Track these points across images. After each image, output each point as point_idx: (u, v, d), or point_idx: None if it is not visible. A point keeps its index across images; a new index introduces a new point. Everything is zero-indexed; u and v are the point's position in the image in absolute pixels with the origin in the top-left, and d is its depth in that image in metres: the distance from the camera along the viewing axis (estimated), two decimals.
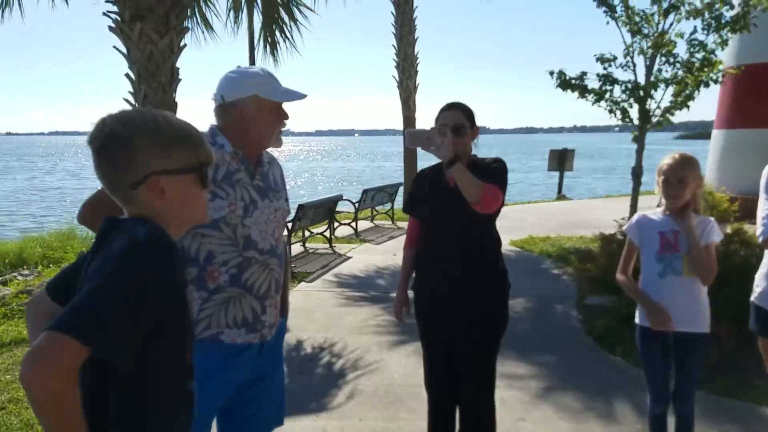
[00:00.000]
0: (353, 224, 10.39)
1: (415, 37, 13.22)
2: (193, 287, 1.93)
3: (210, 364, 1.93)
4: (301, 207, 7.91)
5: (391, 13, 13.06)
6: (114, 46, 5.88)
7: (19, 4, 6.75)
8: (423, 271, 2.86)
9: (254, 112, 1.99)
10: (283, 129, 2.10)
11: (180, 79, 6.05)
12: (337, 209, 10.15)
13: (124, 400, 1.23)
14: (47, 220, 17.74)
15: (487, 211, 2.57)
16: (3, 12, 6.67)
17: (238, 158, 2.01)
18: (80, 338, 1.04)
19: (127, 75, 5.87)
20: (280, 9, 8.66)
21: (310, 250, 8.79)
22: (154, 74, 5.80)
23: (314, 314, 5.72)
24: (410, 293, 2.95)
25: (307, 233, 9.14)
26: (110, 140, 1.23)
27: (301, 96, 2.05)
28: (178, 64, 6.03)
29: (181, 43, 6.01)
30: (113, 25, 5.81)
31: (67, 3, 7.06)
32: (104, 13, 5.85)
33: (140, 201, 1.26)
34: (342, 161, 72.47)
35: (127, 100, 5.90)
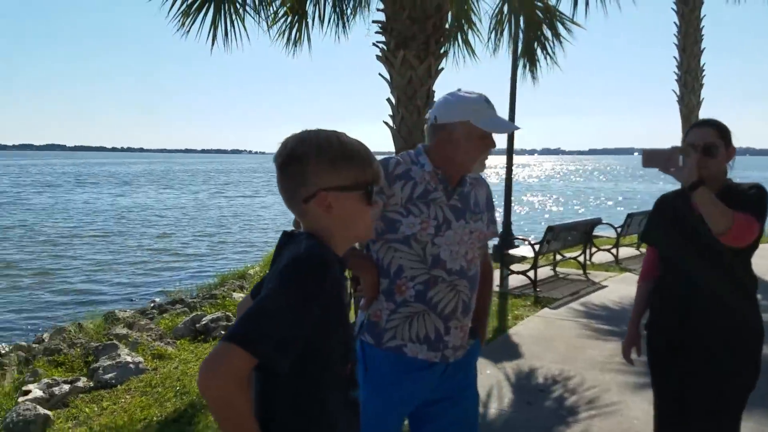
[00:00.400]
0: (614, 251, 9.71)
1: (701, 48, 11.94)
2: (383, 297, 2.00)
3: (394, 372, 1.99)
4: (550, 229, 7.63)
5: (674, 23, 11.99)
6: (379, 74, 6.39)
7: (308, 39, 7.71)
8: (657, 308, 2.54)
9: (462, 137, 1.99)
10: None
11: (435, 102, 6.32)
12: (597, 233, 9.58)
13: (288, 406, 1.30)
14: None
15: (737, 245, 2.19)
16: (295, 48, 7.66)
17: (437, 178, 2.03)
18: (247, 347, 1.13)
19: (388, 99, 6.31)
20: (544, 27, 8.52)
21: (561, 275, 8.43)
22: (412, 97, 6.12)
23: (553, 343, 5.45)
24: (644, 332, 2.64)
25: (558, 257, 8.79)
26: (289, 158, 1.33)
27: (513, 128, 2.02)
28: (434, 87, 6.32)
29: (439, 67, 6.30)
30: (380, 54, 6.33)
31: (347, 36, 7.87)
32: (374, 44, 6.41)
33: (311, 215, 1.34)
34: (616, 182, 68.37)
35: (386, 123, 6.34)
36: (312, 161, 1.31)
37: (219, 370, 1.12)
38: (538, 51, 8.38)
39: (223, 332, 5.73)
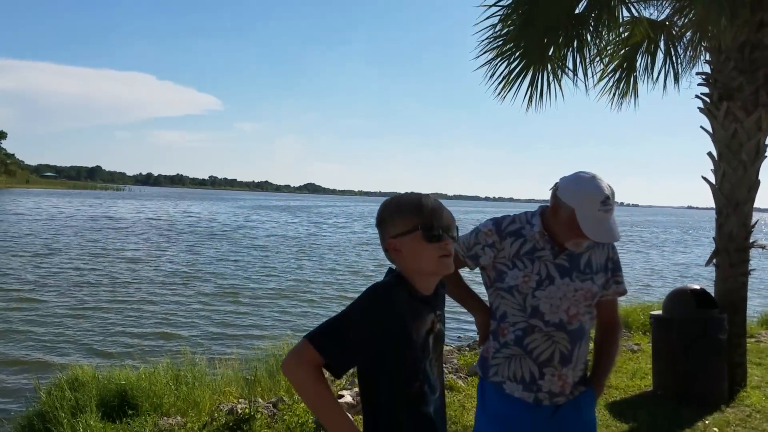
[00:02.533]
0: None
1: None
2: (491, 336, 2.25)
3: (500, 405, 2.21)
4: None
5: None
6: (701, 126, 5.99)
7: (635, 94, 7.55)
8: None
9: (565, 218, 2.10)
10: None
11: (766, 157, 5.61)
12: None
13: (367, 417, 1.67)
14: None
15: None
16: (621, 99, 7.58)
17: (545, 238, 2.17)
18: (316, 347, 1.54)
19: (709, 153, 5.87)
20: None
21: None
22: (736, 152, 5.61)
23: None
24: None
25: None
26: (376, 222, 1.75)
27: (605, 239, 2.05)
28: None
29: None
30: (702, 107, 5.93)
31: (678, 90, 7.46)
32: (697, 96, 6.05)
33: (394, 260, 1.71)
34: None
35: (704, 178, 5.87)
36: (382, 219, 1.71)
37: (294, 360, 1.54)
38: None
39: None
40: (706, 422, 4.82)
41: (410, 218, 1.66)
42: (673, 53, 7.32)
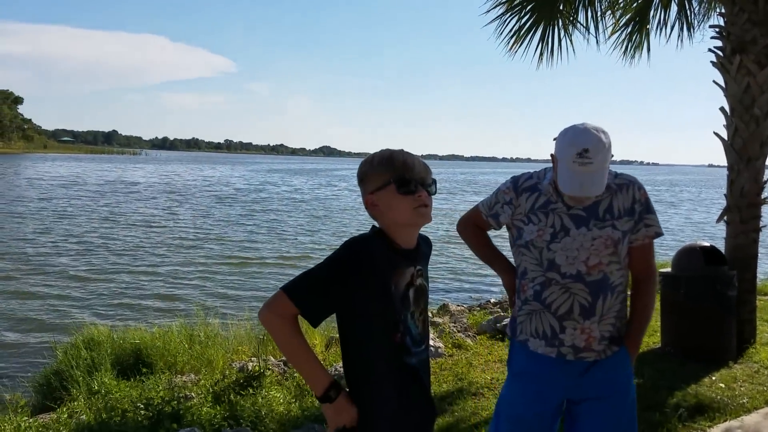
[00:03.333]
0: None
1: None
2: (517, 295, 2.24)
3: (526, 363, 2.18)
4: None
5: None
6: (714, 81, 5.87)
7: (648, 48, 7.39)
8: None
9: (556, 169, 2.09)
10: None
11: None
12: None
13: (347, 367, 1.74)
14: None
15: None
16: (633, 54, 7.42)
17: (556, 191, 2.13)
18: (290, 297, 1.59)
19: (721, 108, 5.76)
20: None
21: None
22: (749, 107, 5.50)
23: None
24: None
25: None
26: (358, 180, 1.79)
27: (580, 193, 2.00)
28: None
29: None
30: (715, 60, 5.79)
31: (692, 43, 7.29)
32: (710, 49, 5.91)
33: (373, 216, 1.75)
34: None
35: (716, 134, 5.78)
36: (360, 179, 1.76)
37: (269, 309, 1.61)
38: None
39: None
40: (713, 378, 4.84)
41: (383, 173, 1.70)
42: (687, 5, 7.15)
